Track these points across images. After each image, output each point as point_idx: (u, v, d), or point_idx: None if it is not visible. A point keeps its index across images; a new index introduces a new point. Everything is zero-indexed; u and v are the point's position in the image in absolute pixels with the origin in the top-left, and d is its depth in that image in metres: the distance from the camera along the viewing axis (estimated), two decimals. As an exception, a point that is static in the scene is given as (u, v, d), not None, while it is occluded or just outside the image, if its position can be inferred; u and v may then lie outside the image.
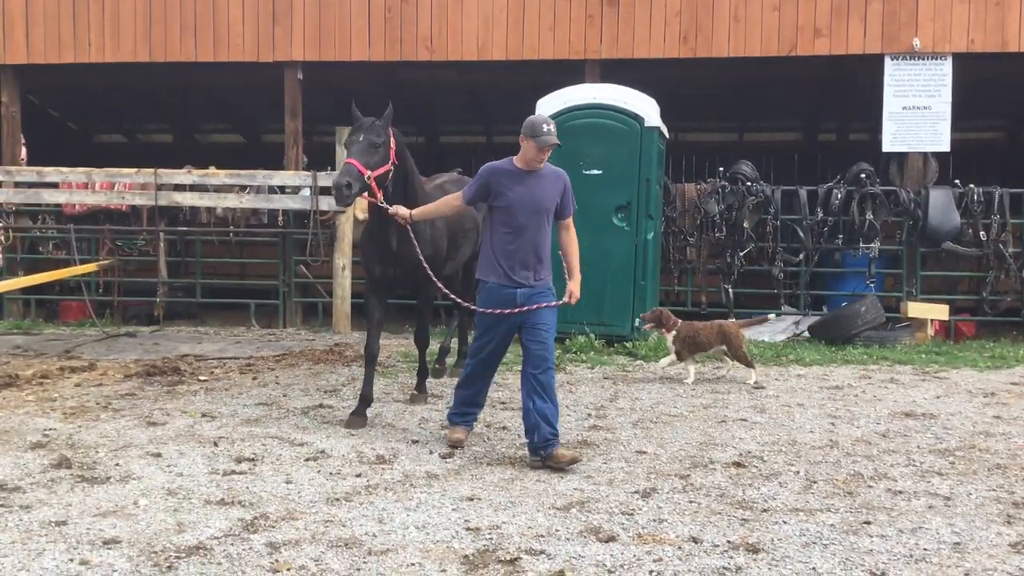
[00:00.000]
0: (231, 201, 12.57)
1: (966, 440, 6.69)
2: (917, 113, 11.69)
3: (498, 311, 6.04)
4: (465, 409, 6.47)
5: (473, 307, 6.34)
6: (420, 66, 13.37)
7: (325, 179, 12.18)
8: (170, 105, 18.63)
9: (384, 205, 6.67)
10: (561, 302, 6.11)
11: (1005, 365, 9.80)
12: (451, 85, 15.49)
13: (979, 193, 11.65)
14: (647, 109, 10.78)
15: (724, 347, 8.88)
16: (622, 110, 10.70)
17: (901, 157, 12.05)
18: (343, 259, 12.17)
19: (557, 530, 4.77)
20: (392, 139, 6.92)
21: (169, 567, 4.25)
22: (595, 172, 10.47)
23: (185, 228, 13.06)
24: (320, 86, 14.35)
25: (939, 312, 11.52)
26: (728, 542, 4.62)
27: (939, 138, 11.75)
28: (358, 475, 5.73)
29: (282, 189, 12.62)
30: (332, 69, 13.28)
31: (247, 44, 12.78)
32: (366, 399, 7.07)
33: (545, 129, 5.95)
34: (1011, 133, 20.12)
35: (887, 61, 11.71)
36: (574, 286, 6.13)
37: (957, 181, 11.90)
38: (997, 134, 20.45)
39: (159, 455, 6.11)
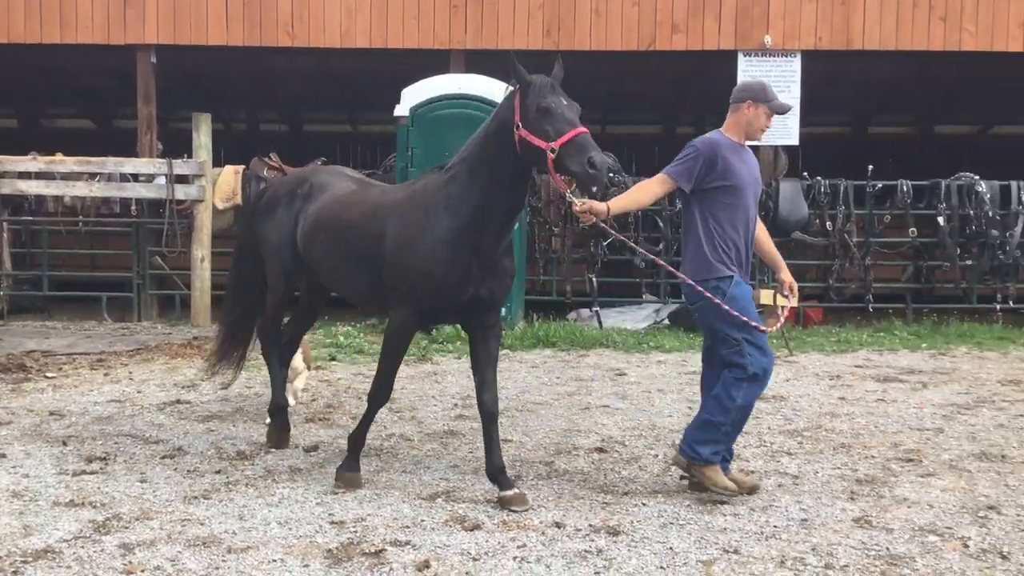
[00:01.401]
0: (80, 189, 12.00)
1: (813, 421, 7.03)
2: (769, 108, 12.15)
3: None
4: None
5: (753, 322, 5.15)
6: (281, 52, 13.09)
7: (182, 167, 11.79)
8: (13, 89, 17.65)
9: (572, 199, 4.94)
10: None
11: (850, 349, 10.32)
12: (314, 72, 15.22)
13: (826, 185, 12.20)
14: (511, 100, 10.86)
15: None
16: (488, 101, 10.72)
17: (753, 150, 12.48)
18: (202, 250, 11.79)
19: (423, 520, 4.77)
20: None
21: (15, 572, 4.05)
22: (460, 162, 10.48)
23: (31, 218, 12.42)
24: (176, 70, 13.87)
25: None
26: (590, 526, 4.72)
27: (789, 132, 12.25)
28: (217, 472, 5.58)
29: (135, 177, 12.13)
30: (188, 53, 12.85)
31: (97, 25, 12.21)
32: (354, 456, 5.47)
33: (774, 93, 5.28)
34: (856, 128, 21.19)
35: (740, 57, 12.13)
36: (789, 276, 5.55)
37: (805, 173, 12.44)
38: (843, 129, 21.49)
39: (3, 456, 5.81)
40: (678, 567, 4.22)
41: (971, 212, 11.74)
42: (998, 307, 11.82)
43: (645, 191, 5.42)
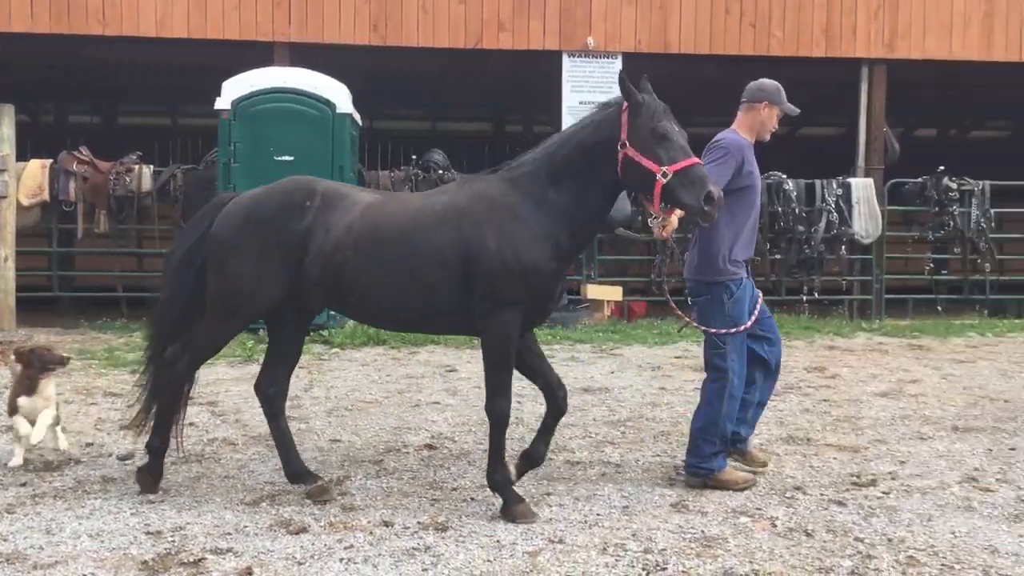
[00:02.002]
0: None
1: (636, 411, 7.27)
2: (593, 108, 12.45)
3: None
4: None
5: (743, 326, 5.23)
6: (93, 41, 12.42)
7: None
8: None
9: (656, 222, 4.91)
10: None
11: (670, 341, 10.73)
12: (129, 63, 14.53)
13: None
14: (339, 95, 10.72)
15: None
16: (313, 95, 10.57)
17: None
18: (5, 249, 11.04)
19: (245, 526, 4.64)
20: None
21: None
22: (287, 158, 10.26)
23: None
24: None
25: (614, 294, 12.43)
26: (418, 523, 4.71)
27: (612, 131, 12.59)
28: (23, 484, 5.25)
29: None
30: (-11, 40, 12.02)
31: None
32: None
33: (786, 96, 5.35)
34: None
35: (565, 58, 12.42)
36: None
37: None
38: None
39: None
40: (504, 559, 4.28)
41: (779, 209, 12.43)
42: (804, 299, 12.57)
43: None
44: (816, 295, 12.66)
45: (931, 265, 12.98)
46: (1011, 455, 6.05)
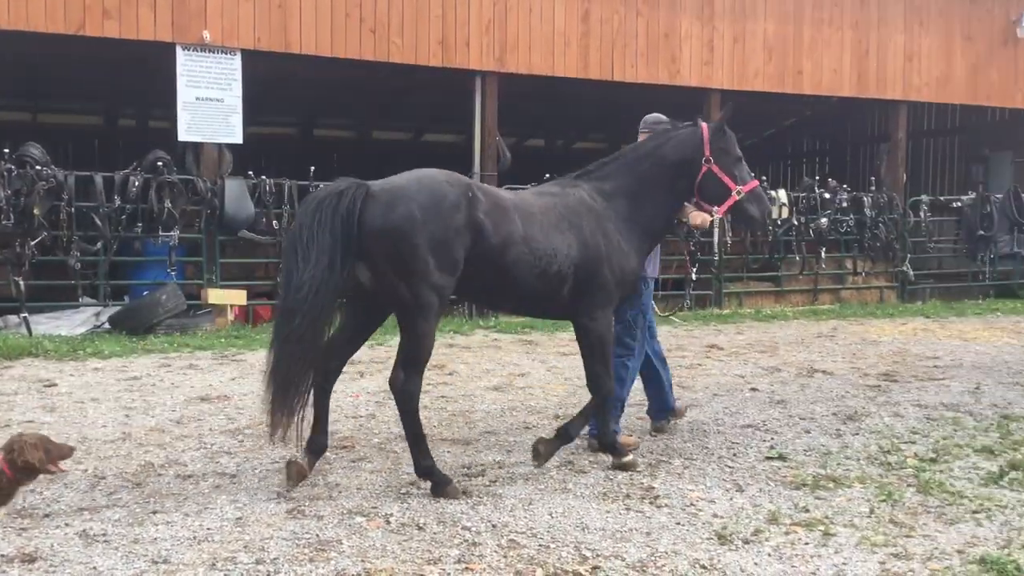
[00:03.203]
0: None
1: (256, 418, 7.07)
2: (211, 105, 12.02)
3: None
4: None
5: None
6: None
7: None
8: None
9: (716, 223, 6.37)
10: None
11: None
12: None
13: (271, 184, 12.40)
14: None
15: None
16: None
17: (197, 147, 12.30)
18: None
19: None
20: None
21: None
22: None
23: None
24: None
25: (238, 298, 12.06)
26: (2, 555, 4.24)
27: (232, 130, 12.23)
28: None
29: None
30: None
31: None
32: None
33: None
34: (303, 129, 21.90)
35: (179, 51, 11.82)
36: None
37: (251, 172, 12.53)
38: (291, 129, 22.08)
39: None
40: (101, 587, 3.97)
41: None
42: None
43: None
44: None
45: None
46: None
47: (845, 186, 16.19)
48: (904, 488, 5.49)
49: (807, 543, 4.61)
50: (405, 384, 5.16)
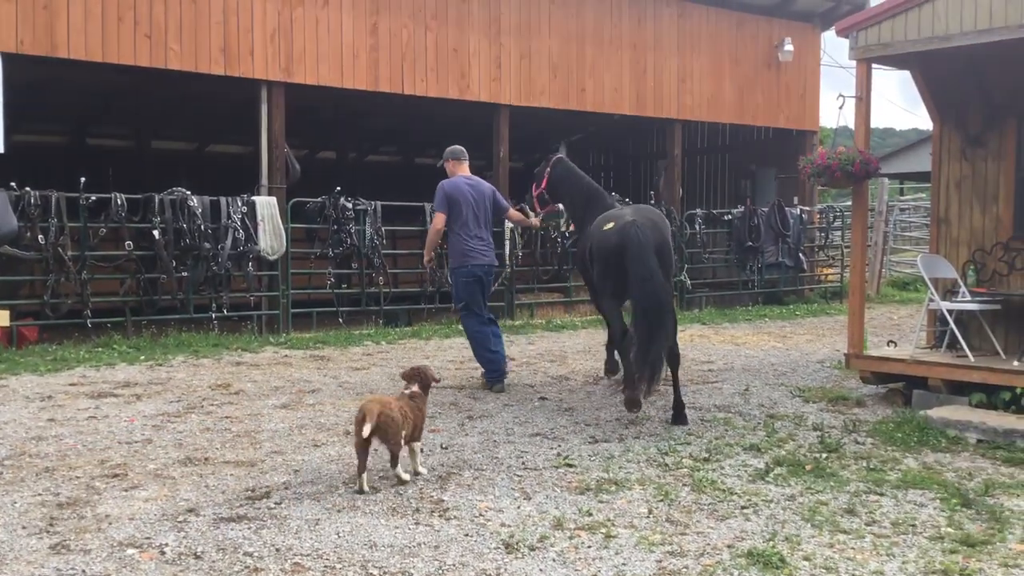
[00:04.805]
0: None
1: (17, 447, 6.57)
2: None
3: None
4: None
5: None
6: None
7: None
8: None
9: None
10: None
11: (67, 367, 9.94)
12: None
13: (36, 196, 11.56)
14: None
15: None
16: None
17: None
18: None
19: None
20: None
21: None
22: None
23: None
24: None
25: (0, 318, 11.15)
26: None
27: (-8, 138, 11.31)
28: None
29: None
30: None
31: None
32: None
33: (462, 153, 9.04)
34: (74, 137, 20.61)
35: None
36: None
37: (14, 184, 11.63)
38: (61, 138, 20.74)
39: None
40: None
41: (184, 226, 12.21)
42: (213, 315, 12.51)
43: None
44: (225, 312, 12.67)
45: (332, 279, 13.75)
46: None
47: (627, 199, 16.90)
48: (680, 487, 5.77)
49: (590, 546, 4.74)
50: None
